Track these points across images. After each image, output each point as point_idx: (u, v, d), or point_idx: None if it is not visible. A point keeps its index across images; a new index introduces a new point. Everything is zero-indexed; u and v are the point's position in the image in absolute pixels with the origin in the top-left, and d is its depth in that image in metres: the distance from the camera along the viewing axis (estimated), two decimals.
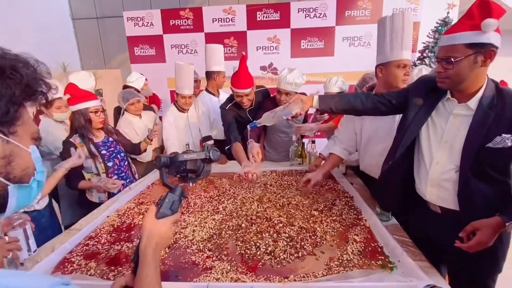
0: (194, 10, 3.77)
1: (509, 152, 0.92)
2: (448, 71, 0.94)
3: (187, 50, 3.82)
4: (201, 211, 1.40)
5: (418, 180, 1.15)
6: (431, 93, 1.06)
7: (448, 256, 1.14)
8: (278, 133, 2.14)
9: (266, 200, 1.50)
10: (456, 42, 0.91)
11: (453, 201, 1.03)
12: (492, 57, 0.90)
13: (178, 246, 1.14)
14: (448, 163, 1.02)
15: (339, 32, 3.85)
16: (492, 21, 0.84)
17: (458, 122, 0.99)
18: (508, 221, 0.90)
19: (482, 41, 0.87)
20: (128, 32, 3.82)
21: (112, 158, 1.79)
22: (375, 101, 1.20)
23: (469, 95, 0.97)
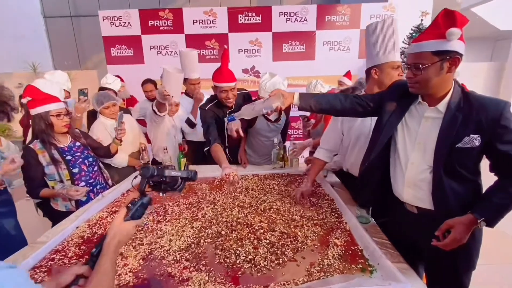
0: (174, 11, 3.69)
1: (477, 151, 0.97)
2: (417, 76, 0.99)
3: (167, 51, 3.73)
4: (179, 219, 1.34)
5: (395, 181, 1.18)
6: (404, 97, 1.10)
7: (425, 255, 1.17)
8: (259, 137, 2.12)
9: (247, 205, 1.47)
10: (423, 49, 0.96)
11: (428, 200, 1.07)
12: (456, 64, 0.95)
13: (153, 257, 1.07)
14: (422, 163, 1.06)
15: (320, 36, 3.93)
16: (456, 30, 0.90)
17: (430, 124, 1.04)
18: (479, 218, 0.95)
19: (447, 49, 0.93)
20: (104, 32, 3.67)
21: (78, 163, 1.68)
22: (354, 102, 1.23)
23: (438, 99, 1.02)
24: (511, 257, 2.28)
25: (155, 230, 1.27)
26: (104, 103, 2.10)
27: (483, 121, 0.94)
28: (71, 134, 1.74)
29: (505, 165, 0.97)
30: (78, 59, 6.79)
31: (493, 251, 1.14)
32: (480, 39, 8.90)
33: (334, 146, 1.64)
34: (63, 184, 1.59)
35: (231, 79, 1.84)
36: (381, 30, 1.37)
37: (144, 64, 3.70)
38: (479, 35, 8.53)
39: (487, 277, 2.01)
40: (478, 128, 0.95)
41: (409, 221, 1.16)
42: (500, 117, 0.92)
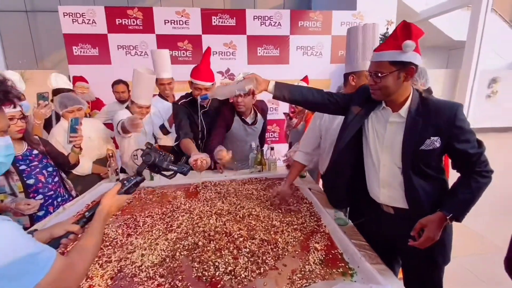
0: (144, 10, 3.52)
1: (439, 151, 1.04)
2: (377, 84, 1.05)
3: (136, 51, 3.54)
4: (152, 231, 1.25)
5: (370, 183, 1.22)
6: (369, 100, 1.15)
7: (402, 253, 1.23)
8: (236, 141, 2.07)
9: (225, 212, 1.42)
10: (382, 59, 1.02)
11: (402, 200, 1.12)
12: (412, 73, 1.02)
13: (123, 276, 0.98)
14: (393, 165, 1.11)
15: (293, 41, 4.00)
16: (411, 43, 0.96)
17: (394, 128, 1.10)
18: (448, 215, 1.01)
19: (403, 60, 0.99)
20: (64, 29, 3.39)
21: (35, 174, 1.50)
22: (325, 98, 1.25)
23: (399, 105, 1.08)
24: (474, 249, 2.48)
25: (125, 244, 1.16)
26: (68, 106, 1.91)
27: (441, 124, 1.01)
28: (28, 141, 1.56)
29: (464, 162, 1.05)
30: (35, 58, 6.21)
31: (456, 244, 1.21)
32: (437, 48, 9.73)
33: (313, 148, 1.64)
34: (13, 197, 1.41)
35: (207, 79, 1.79)
36: (362, 36, 1.39)
37: (111, 65, 3.48)
38: (436, 44, 9.32)
39: (455, 269, 2.16)
40: (437, 131, 1.02)
41: (386, 222, 1.20)
42: (455, 118, 1.00)
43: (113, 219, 1.39)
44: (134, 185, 0.91)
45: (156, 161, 0.96)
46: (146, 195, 1.69)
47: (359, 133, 1.20)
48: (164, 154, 1.00)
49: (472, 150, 1.01)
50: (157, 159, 0.96)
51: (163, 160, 0.98)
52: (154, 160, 0.96)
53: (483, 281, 2.08)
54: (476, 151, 1.01)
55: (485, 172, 1.03)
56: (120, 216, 1.42)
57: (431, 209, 1.06)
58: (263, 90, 1.25)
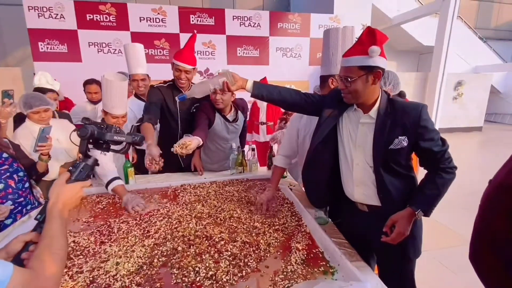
0: (117, 6, 3.37)
1: (407, 150, 1.09)
2: (348, 88, 1.09)
3: (109, 49, 3.38)
4: (127, 238, 1.19)
5: (345, 182, 1.26)
6: (341, 102, 1.19)
7: (376, 249, 1.27)
8: (218, 139, 2.03)
9: (205, 215, 1.38)
10: (351, 64, 1.06)
11: (376, 198, 1.16)
12: (379, 77, 1.06)
13: (96, 286, 0.92)
14: (365, 163, 1.15)
15: (273, 42, 4.03)
16: (376, 48, 1.00)
17: (365, 129, 1.14)
18: (416, 210, 1.06)
19: (369, 64, 1.03)
20: (29, 23, 3.15)
21: (4, 178, 1.40)
22: (303, 98, 1.28)
23: (369, 106, 1.12)
24: (444, 242, 2.63)
25: (98, 253, 1.09)
26: (34, 107, 1.77)
27: (407, 124, 1.06)
28: None
29: (430, 159, 1.10)
30: None
31: (428, 238, 1.27)
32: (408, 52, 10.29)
33: (292, 152, 1.66)
34: None
35: (188, 62, 1.78)
36: (342, 38, 1.41)
37: (82, 62, 3.29)
38: (407, 48, 9.85)
39: (427, 262, 2.27)
40: (404, 130, 1.06)
41: (361, 219, 1.23)
42: (419, 119, 1.05)
43: (85, 226, 1.31)
44: (84, 169, 0.80)
45: (96, 134, 0.83)
46: (119, 199, 1.60)
47: (334, 133, 1.24)
48: (107, 126, 0.88)
49: (437, 148, 1.06)
50: (95, 131, 0.83)
51: (104, 132, 0.85)
52: (93, 133, 0.82)
53: (454, 272, 2.21)
54: (440, 149, 1.07)
55: (449, 168, 1.08)
56: (92, 223, 1.34)
57: (403, 205, 1.10)
58: (240, 87, 1.25)
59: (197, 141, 1.60)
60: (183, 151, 1.52)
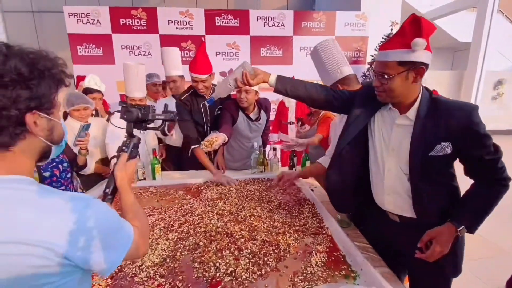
0: (148, 10, 3.54)
1: (451, 158, 0.96)
2: (384, 85, 0.97)
3: (139, 51, 3.56)
4: (153, 230, 1.25)
5: (375, 189, 1.15)
6: (373, 99, 1.07)
7: (408, 262, 1.13)
8: (240, 138, 2.06)
9: (226, 213, 1.41)
10: (389, 58, 0.93)
11: (409, 208, 1.04)
12: (422, 74, 0.93)
13: (123, 275, 0.97)
14: (399, 170, 1.03)
15: (297, 41, 3.99)
16: (421, 41, 0.87)
17: (401, 131, 1.01)
18: (459, 226, 0.93)
19: (412, 59, 0.90)
20: (69, 29, 3.42)
21: (51, 167, 1.55)
22: (330, 94, 1.18)
23: (406, 106, 1.00)
24: (478, 253, 2.44)
25: None
26: (75, 105, 1.92)
27: (453, 128, 0.92)
28: None
29: (479, 169, 0.97)
30: None
31: None
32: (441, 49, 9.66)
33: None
34: None
35: (202, 71, 1.82)
36: (334, 47, 1.41)
37: (115, 64, 3.50)
38: (441, 45, 9.26)
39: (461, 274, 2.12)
40: (448, 135, 0.93)
41: (391, 229, 1.13)
42: (469, 122, 0.90)
43: None
44: (134, 148, 0.89)
45: (140, 115, 0.90)
46: (147, 194, 1.69)
47: (365, 134, 1.13)
48: (145, 107, 0.93)
49: (488, 156, 0.92)
50: (139, 114, 0.90)
51: (146, 113, 0.92)
52: (137, 116, 0.89)
53: (485, 284, 2.04)
54: (492, 157, 0.92)
55: (503, 179, 0.94)
56: (121, 215, 1.42)
57: (440, 218, 0.98)
58: (262, 81, 1.18)
59: (223, 137, 1.66)
60: (209, 148, 1.59)
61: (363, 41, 4.16)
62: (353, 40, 4.13)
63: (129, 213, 0.76)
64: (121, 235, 0.61)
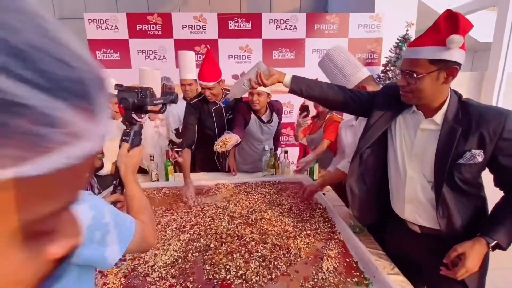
0: (163, 16, 3.63)
1: (480, 166, 0.90)
2: (411, 85, 0.91)
3: (155, 56, 3.64)
4: (165, 231, 1.27)
5: (394, 196, 1.10)
6: (395, 101, 1.02)
7: (427, 274, 1.08)
8: (252, 140, 2.07)
9: (237, 215, 1.41)
10: (419, 56, 0.88)
11: (432, 219, 0.98)
12: (454, 74, 0.88)
13: (136, 274, 1.00)
14: (422, 178, 0.98)
15: (309, 44, 3.97)
16: (458, 38, 0.81)
17: (426, 136, 0.96)
18: (492, 242, 0.87)
19: (445, 58, 0.84)
20: (89, 35, 3.55)
21: None
22: (348, 95, 1.12)
23: (433, 110, 0.95)
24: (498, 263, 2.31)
25: None
26: None
27: (485, 135, 0.85)
28: None
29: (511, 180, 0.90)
30: None
31: None
32: None
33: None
34: None
35: (208, 79, 1.84)
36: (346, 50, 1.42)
37: (131, 68, 3.60)
38: None
39: None
40: (480, 143, 0.86)
41: (411, 240, 1.07)
42: (503, 129, 0.84)
43: None
44: (136, 135, 0.86)
45: (136, 101, 0.84)
46: (161, 195, 1.72)
47: (385, 138, 1.07)
48: (141, 90, 0.87)
49: None
50: (135, 99, 0.84)
51: (144, 97, 0.85)
52: (134, 102, 0.83)
53: None
54: None
55: None
56: None
57: (466, 231, 0.93)
58: (276, 81, 1.15)
59: (236, 138, 1.67)
60: (222, 148, 1.61)
61: (377, 42, 4.09)
62: (367, 42, 4.05)
63: (134, 206, 0.75)
64: (120, 230, 0.60)
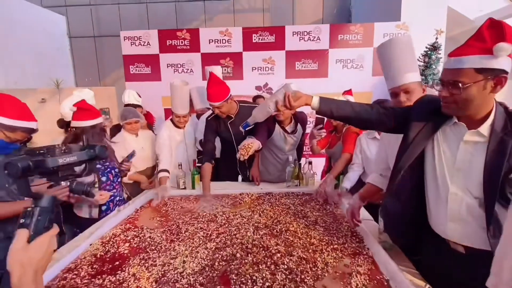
0: (191, 31, 3.83)
1: None
2: (455, 96, 0.87)
3: (183, 69, 3.84)
4: (193, 239, 1.31)
5: (434, 215, 1.03)
6: (434, 114, 0.98)
7: None
8: (275, 149, 2.09)
9: (262, 225, 1.42)
10: (464, 66, 0.84)
11: (480, 238, 0.90)
12: (503, 83, 0.83)
13: (166, 280, 1.03)
14: (468, 194, 0.91)
15: (333, 54, 3.96)
16: (506, 46, 0.78)
17: (471, 149, 0.90)
18: None
19: (493, 67, 0.81)
20: (124, 50, 3.84)
21: (107, 172, 1.76)
22: (381, 113, 1.08)
23: (478, 121, 0.89)
24: None
25: (168, 250, 1.23)
26: (127, 118, 2.18)
27: None
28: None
29: None
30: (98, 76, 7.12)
31: None
32: None
33: (385, 169, 1.40)
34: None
35: (215, 99, 1.90)
36: (408, 46, 1.26)
37: (161, 81, 3.82)
38: None
39: None
40: None
41: (453, 261, 0.99)
42: None
43: (158, 224, 1.49)
44: (43, 214, 0.57)
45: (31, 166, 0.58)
46: (187, 203, 1.78)
47: (422, 154, 1.02)
48: (48, 149, 0.64)
49: None
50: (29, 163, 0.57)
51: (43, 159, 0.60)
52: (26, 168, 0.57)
53: None
54: None
55: None
56: (164, 222, 1.52)
57: None
58: (304, 104, 1.13)
59: (257, 144, 1.71)
60: (245, 156, 1.65)
61: None
62: None
63: None
64: None
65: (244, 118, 2.03)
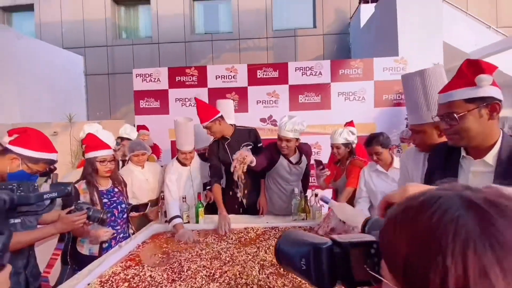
0: (199, 68, 4.06)
1: None
2: (454, 126, 0.90)
3: (190, 103, 3.99)
4: (195, 278, 1.25)
5: None
6: (450, 156, 0.99)
7: None
8: (280, 180, 2.08)
9: (268, 263, 1.36)
10: (454, 98, 0.89)
11: None
12: (497, 110, 0.86)
13: None
14: None
15: (335, 87, 4.09)
16: (485, 76, 0.83)
17: (479, 179, 0.91)
18: None
19: (480, 95, 0.85)
20: (136, 86, 4.05)
21: (112, 208, 1.73)
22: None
23: (484, 150, 0.90)
24: None
25: None
26: (135, 151, 2.22)
27: None
28: (113, 179, 1.83)
29: None
30: (110, 110, 7.45)
31: None
32: None
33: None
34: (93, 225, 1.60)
35: (203, 120, 2.04)
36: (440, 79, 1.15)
37: (169, 115, 3.95)
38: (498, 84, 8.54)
39: None
40: None
41: None
42: None
43: (160, 261, 1.44)
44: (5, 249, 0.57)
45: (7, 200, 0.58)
46: None
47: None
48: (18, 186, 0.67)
49: None
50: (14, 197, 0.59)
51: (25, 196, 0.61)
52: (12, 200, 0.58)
53: None
54: None
55: None
56: (165, 259, 1.46)
57: None
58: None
59: (251, 157, 1.73)
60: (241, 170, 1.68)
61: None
62: (394, 83, 4.07)
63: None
64: None
65: (240, 139, 2.12)
